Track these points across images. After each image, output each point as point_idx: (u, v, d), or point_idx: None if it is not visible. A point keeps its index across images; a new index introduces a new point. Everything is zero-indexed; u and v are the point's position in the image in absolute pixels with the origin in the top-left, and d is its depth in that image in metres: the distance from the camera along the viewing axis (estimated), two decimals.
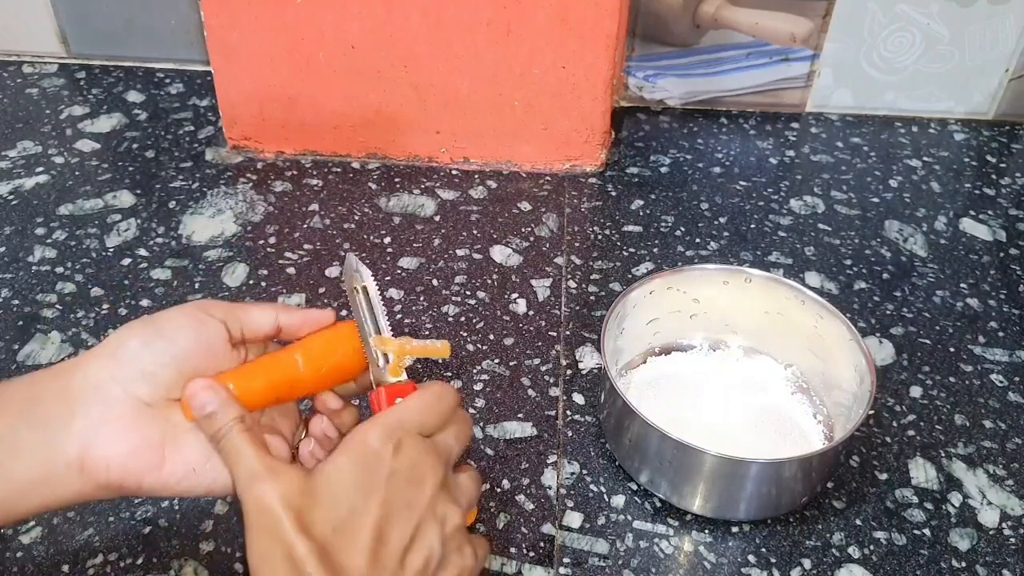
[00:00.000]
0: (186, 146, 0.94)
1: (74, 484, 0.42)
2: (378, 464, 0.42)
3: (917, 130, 1.00)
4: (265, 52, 0.85)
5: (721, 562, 0.58)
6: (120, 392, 0.43)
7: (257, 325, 0.48)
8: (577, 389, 0.70)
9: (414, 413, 0.45)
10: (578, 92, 0.86)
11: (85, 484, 0.43)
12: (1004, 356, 0.73)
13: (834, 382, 0.66)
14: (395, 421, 0.44)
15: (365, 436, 0.43)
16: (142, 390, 0.43)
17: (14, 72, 1.04)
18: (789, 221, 0.87)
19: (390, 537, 0.42)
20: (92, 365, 0.44)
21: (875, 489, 0.63)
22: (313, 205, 0.87)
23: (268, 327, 0.48)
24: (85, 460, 0.42)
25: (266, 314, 0.48)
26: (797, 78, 0.99)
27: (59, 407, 0.42)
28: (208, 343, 0.45)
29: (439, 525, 0.43)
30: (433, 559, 0.43)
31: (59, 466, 0.42)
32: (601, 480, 0.63)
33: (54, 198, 0.86)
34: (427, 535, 0.43)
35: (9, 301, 0.75)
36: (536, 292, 0.78)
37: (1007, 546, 0.60)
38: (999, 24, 0.93)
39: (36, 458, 0.42)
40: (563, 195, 0.89)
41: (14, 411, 0.42)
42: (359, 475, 0.42)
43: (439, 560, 0.43)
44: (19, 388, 0.43)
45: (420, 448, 0.44)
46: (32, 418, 0.42)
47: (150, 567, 0.56)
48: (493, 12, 0.81)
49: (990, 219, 0.88)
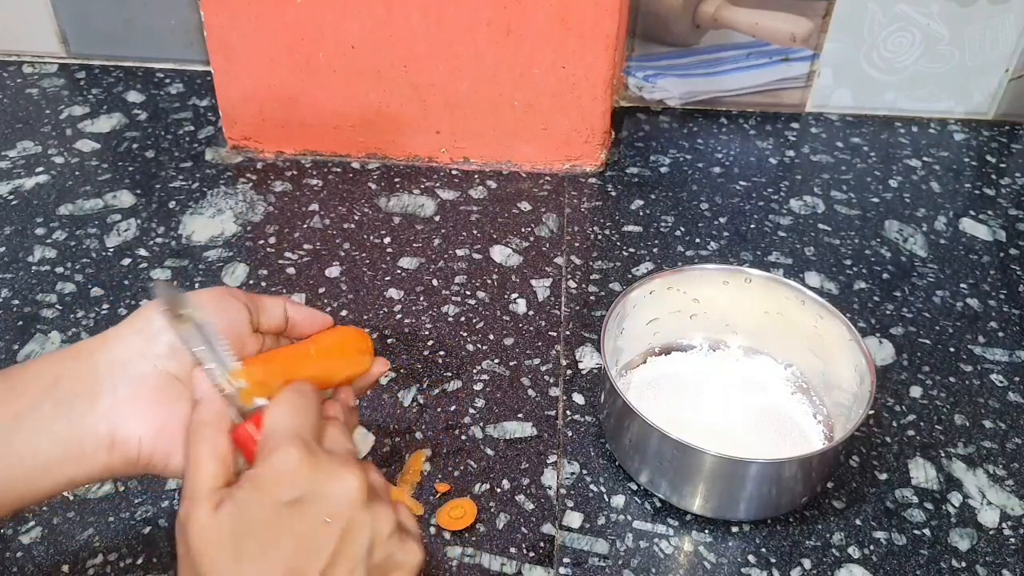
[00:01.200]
0: (186, 146, 0.94)
1: (101, 460, 0.43)
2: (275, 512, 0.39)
3: (917, 130, 1.00)
4: (265, 52, 0.85)
5: (721, 562, 0.58)
6: (149, 368, 0.43)
7: (271, 316, 0.49)
8: (577, 389, 0.70)
9: (290, 420, 0.42)
10: (578, 92, 0.86)
11: (113, 459, 0.43)
12: (1004, 356, 0.73)
13: (834, 382, 0.66)
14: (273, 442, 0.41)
15: (257, 484, 0.40)
16: (171, 365, 0.44)
17: (14, 72, 1.04)
18: (789, 221, 0.87)
19: (305, 571, 0.38)
20: (117, 344, 0.44)
21: (875, 489, 0.63)
22: (313, 205, 0.87)
23: (280, 318, 0.49)
24: (115, 436, 0.42)
25: (277, 305, 0.49)
26: (797, 78, 0.99)
27: (83, 387, 0.43)
28: (233, 323, 0.46)
29: (366, 537, 0.40)
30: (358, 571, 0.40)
31: (87, 443, 0.42)
32: (601, 480, 0.63)
33: (54, 198, 0.86)
34: (349, 553, 0.40)
35: (9, 301, 0.75)
36: (536, 292, 0.78)
37: (1007, 546, 0.60)
38: (999, 24, 0.93)
39: (61, 435, 0.42)
40: (563, 195, 0.89)
41: (36, 391, 0.42)
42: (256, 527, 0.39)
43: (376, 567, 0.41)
44: (40, 369, 0.43)
45: (312, 466, 0.40)
46: (56, 397, 0.42)
47: (150, 567, 0.56)
48: (493, 12, 0.81)
49: (990, 219, 0.88)
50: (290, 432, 0.41)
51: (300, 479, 0.40)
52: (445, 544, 0.58)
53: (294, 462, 0.40)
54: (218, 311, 0.45)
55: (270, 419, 0.42)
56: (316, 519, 0.39)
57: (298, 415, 0.43)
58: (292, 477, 0.40)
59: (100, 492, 0.61)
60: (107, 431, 0.42)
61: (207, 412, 0.42)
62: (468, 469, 0.63)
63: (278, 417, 0.42)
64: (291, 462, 0.40)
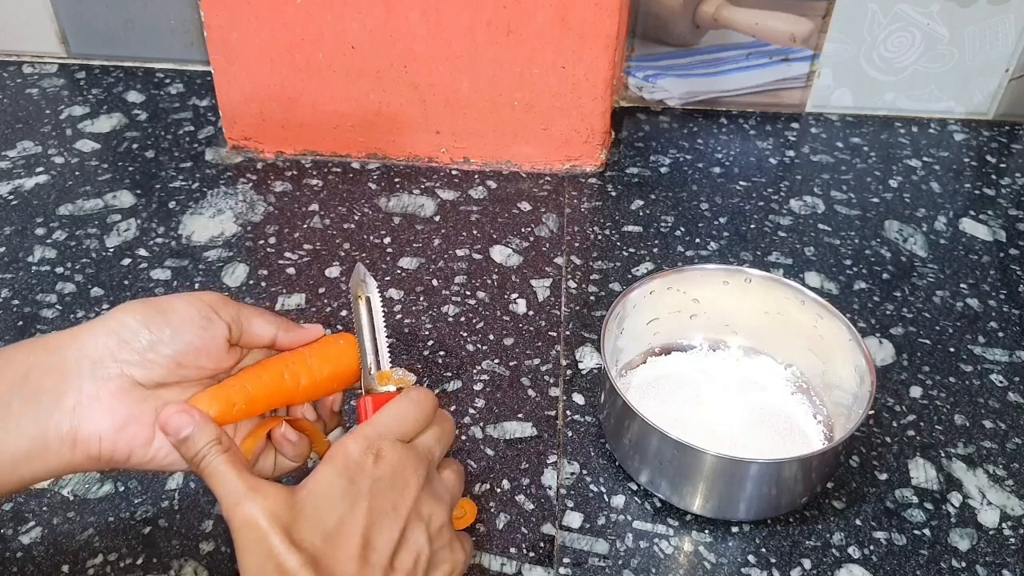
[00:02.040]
0: (186, 146, 0.94)
1: (65, 456, 0.43)
2: (360, 473, 0.43)
3: (917, 130, 1.00)
4: (265, 52, 0.85)
5: (721, 562, 0.58)
6: (116, 370, 0.44)
7: (257, 335, 0.49)
8: (577, 389, 0.70)
9: (392, 420, 0.46)
10: (578, 92, 0.86)
11: (76, 456, 0.44)
12: (1004, 356, 0.73)
13: (834, 382, 0.66)
14: (373, 431, 0.45)
15: (346, 448, 0.44)
16: (138, 373, 0.44)
17: (14, 72, 1.04)
18: (789, 221, 0.87)
19: (378, 542, 0.42)
20: (90, 340, 0.44)
21: (875, 489, 0.63)
22: (313, 205, 0.87)
23: (265, 340, 0.50)
24: (78, 434, 0.43)
25: (268, 328, 0.50)
26: (797, 78, 0.99)
27: (51, 382, 0.43)
28: (210, 343, 0.46)
29: (425, 525, 0.45)
30: (423, 557, 0.44)
31: (52, 440, 0.43)
32: (601, 480, 0.63)
33: (54, 198, 0.86)
34: (414, 535, 0.44)
35: (9, 301, 0.75)
36: (536, 292, 0.78)
37: (1007, 546, 0.60)
38: (999, 24, 0.93)
39: (28, 432, 0.42)
40: (563, 195, 0.89)
41: (5, 385, 0.43)
42: (343, 485, 0.43)
43: (428, 557, 0.44)
44: (11, 360, 0.44)
45: (400, 454, 0.45)
46: (24, 392, 0.43)
47: (150, 567, 0.56)
48: (493, 12, 0.81)
49: (990, 219, 0.88)
50: (390, 434, 0.46)
51: (398, 467, 0.44)
52: None
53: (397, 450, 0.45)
54: (195, 331, 0.46)
55: (390, 408, 0.47)
56: (394, 502, 0.44)
57: (399, 420, 0.47)
58: (391, 464, 0.44)
59: (100, 492, 0.61)
60: (70, 429, 0.43)
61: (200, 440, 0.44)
62: (468, 469, 0.63)
63: (383, 416, 0.47)
64: (395, 450, 0.45)
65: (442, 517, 0.46)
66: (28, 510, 0.59)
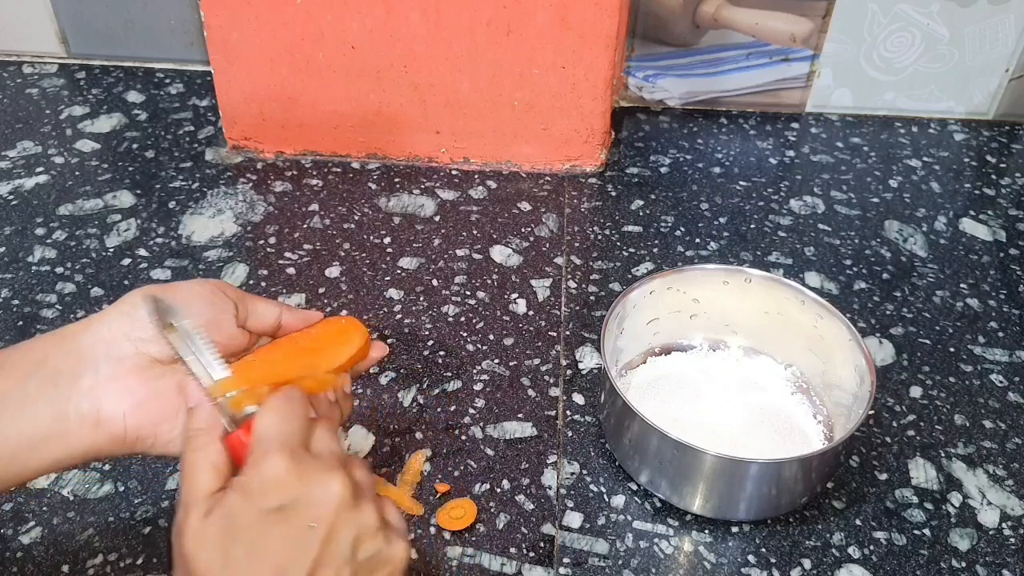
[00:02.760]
0: (186, 146, 0.94)
1: (87, 437, 0.44)
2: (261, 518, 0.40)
3: (917, 130, 1.00)
4: (265, 52, 0.85)
5: (721, 562, 0.58)
6: (131, 349, 0.45)
7: (262, 318, 0.50)
8: (577, 389, 0.70)
9: (277, 427, 0.42)
10: (578, 92, 0.86)
11: (99, 437, 0.44)
12: (1004, 356, 0.73)
13: (834, 382, 0.66)
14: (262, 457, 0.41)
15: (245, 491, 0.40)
16: (154, 349, 0.45)
17: (14, 72, 1.04)
18: (789, 221, 0.87)
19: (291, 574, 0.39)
20: (102, 325, 0.45)
21: (875, 489, 0.63)
22: (313, 205, 0.87)
23: (270, 323, 0.50)
24: (100, 414, 0.44)
25: (271, 310, 0.50)
26: (797, 78, 0.99)
27: (67, 365, 0.44)
28: (219, 318, 0.47)
29: (351, 537, 0.41)
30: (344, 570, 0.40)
31: (72, 420, 0.43)
32: (601, 480, 0.63)
33: (54, 198, 0.86)
34: (334, 554, 0.40)
35: (9, 301, 0.75)
36: (536, 292, 0.78)
37: (1007, 546, 0.60)
38: (999, 24, 0.93)
39: (46, 413, 0.43)
40: (563, 195, 0.89)
41: (20, 371, 0.43)
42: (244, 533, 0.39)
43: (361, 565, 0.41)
44: (25, 351, 0.45)
45: (298, 474, 0.41)
46: (40, 376, 0.43)
47: (150, 567, 0.56)
48: (493, 12, 0.81)
49: (990, 219, 0.88)
50: (277, 439, 0.42)
51: (286, 486, 0.40)
52: (445, 544, 0.58)
53: (280, 470, 0.40)
54: (204, 305, 0.47)
55: (258, 426, 0.43)
56: (302, 524, 0.40)
57: (285, 422, 0.43)
58: (278, 484, 0.40)
59: (100, 492, 0.61)
60: (91, 409, 0.43)
61: (200, 419, 0.43)
62: (468, 469, 0.63)
63: (265, 424, 0.43)
64: (277, 470, 0.40)
65: (371, 519, 0.42)
66: (28, 510, 0.59)
